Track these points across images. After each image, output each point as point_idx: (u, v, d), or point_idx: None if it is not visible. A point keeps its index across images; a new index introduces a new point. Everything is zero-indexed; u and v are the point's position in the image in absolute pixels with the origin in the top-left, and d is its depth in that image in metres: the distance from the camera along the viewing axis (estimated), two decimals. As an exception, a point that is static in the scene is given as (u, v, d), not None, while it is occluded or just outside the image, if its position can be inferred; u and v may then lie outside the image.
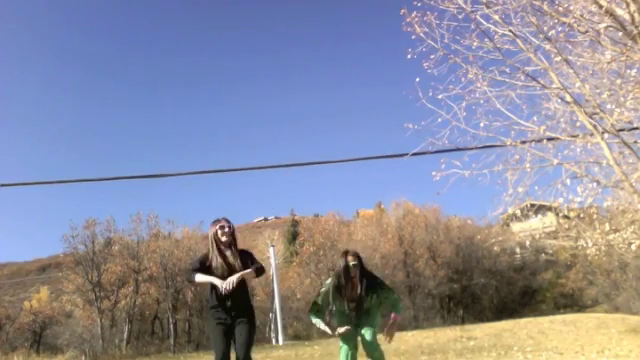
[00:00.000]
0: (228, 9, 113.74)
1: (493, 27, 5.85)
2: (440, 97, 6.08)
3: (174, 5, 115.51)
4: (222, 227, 4.21)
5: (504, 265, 34.39)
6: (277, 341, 20.41)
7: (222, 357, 3.99)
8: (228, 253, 4.17)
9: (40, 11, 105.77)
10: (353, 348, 4.42)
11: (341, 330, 4.36)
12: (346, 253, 4.65)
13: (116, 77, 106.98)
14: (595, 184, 5.74)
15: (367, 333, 4.43)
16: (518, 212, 7.05)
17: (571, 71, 5.66)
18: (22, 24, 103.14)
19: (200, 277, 4.10)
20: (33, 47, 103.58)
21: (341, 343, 4.50)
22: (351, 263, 4.49)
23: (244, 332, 4.06)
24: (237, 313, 4.10)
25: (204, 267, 4.16)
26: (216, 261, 4.14)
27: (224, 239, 4.18)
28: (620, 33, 5.39)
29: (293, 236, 42.07)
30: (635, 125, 5.79)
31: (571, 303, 32.09)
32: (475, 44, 5.94)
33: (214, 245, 4.19)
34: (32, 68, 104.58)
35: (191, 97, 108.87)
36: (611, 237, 6.64)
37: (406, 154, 6.59)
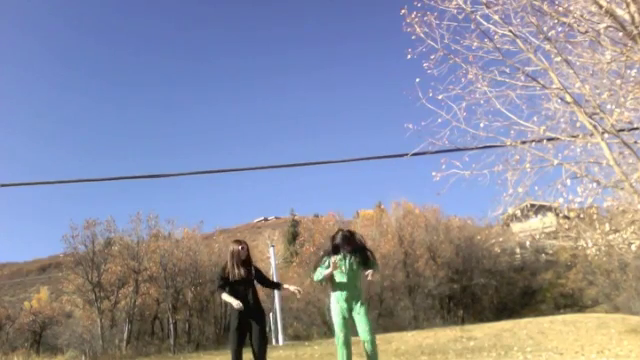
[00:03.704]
0: (228, 9, 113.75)
1: (493, 27, 5.85)
2: (440, 97, 6.08)
3: (174, 5, 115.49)
4: (243, 248, 5.38)
5: (504, 265, 34.37)
6: (277, 341, 20.40)
7: (236, 349, 5.14)
8: (242, 270, 5.31)
9: (40, 11, 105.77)
10: (348, 346, 4.98)
11: (333, 265, 5.09)
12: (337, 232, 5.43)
13: (116, 77, 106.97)
14: (595, 184, 5.74)
15: (366, 335, 4.94)
16: (518, 212, 7.05)
17: (571, 71, 5.66)
18: (22, 24, 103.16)
19: (225, 297, 5.27)
20: (33, 47, 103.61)
21: (338, 340, 5.00)
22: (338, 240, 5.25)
23: (258, 332, 5.20)
24: (252, 317, 5.23)
25: (225, 278, 5.32)
26: (233, 272, 5.29)
27: (243, 258, 5.35)
28: (620, 33, 5.40)
29: (293, 236, 42.05)
30: (635, 125, 5.79)
31: (571, 303, 32.07)
32: (475, 44, 5.95)
33: (234, 260, 5.34)
34: (32, 68, 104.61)
35: (191, 97, 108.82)
36: (611, 237, 6.64)
37: (406, 154, 6.60)
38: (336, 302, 5.11)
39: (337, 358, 5.01)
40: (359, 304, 5.06)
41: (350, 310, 5.05)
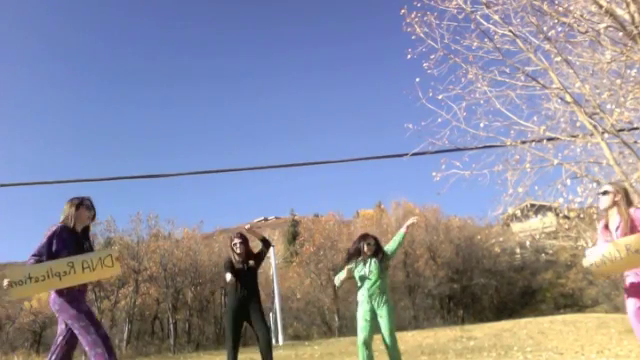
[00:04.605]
0: (228, 9, 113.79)
1: (493, 27, 5.86)
2: (440, 97, 6.10)
3: (174, 5, 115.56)
4: (235, 244, 5.51)
5: (504, 265, 34.36)
6: (277, 341, 20.39)
7: (232, 344, 5.20)
8: (239, 263, 5.46)
9: (39, 10, 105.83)
10: (368, 347, 5.07)
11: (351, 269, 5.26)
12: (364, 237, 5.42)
13: (116, 77, 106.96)
14: (595, 184, 5.75)
15: (387, 337, 5.12)
16: (518, 212, 7.06)
17: (571, 71, 5.67)
18: (21, 23, 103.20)
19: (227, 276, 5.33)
20: (33, 47, 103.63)
21: (359, 341, 5.10)
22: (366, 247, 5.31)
23: (263, 327, 5.25)
24: (249, 311, 5.25)
25: (231, 265, 5.45)
26: (232, 265, 5.47)
27: (238, 251, 5.50)
28: (620, 33, 5.40)
29: (293, 236, 42.02)
30: (635, 125, 5.80)
31: (571, 303, 32.05)
32: (475, 44, 5.96)
33: (232, 253, 5.53)
34: (32, 68, 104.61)
35: (191, 97, 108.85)
36: (611, 237, 6.63)
37: (406, 154, 6.61)
38: (360, 304, 5.24)
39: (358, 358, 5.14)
40: (382, 306, 5.18)
41: (373, 311, 5.16)
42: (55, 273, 3.70)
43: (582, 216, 6.88)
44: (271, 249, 22.60)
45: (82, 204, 4.10)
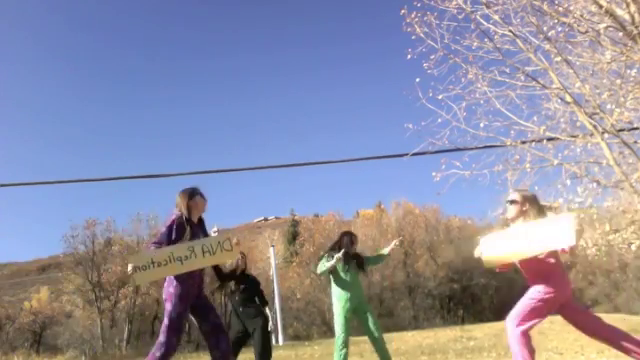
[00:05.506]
0: (228, 9, 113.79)
1: (493, 27, 5.86)
2: (440, 97, 6.10)
3: (174, 5, 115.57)
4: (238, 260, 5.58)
5: (504, 265, 34.36)
6: (277, 341, 20.39)
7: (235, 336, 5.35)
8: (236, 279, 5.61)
9: (39, 10, 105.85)
10: (347, 346, 5.06)
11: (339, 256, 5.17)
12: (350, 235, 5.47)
13: (116, 77, 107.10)
14: (595, 184, 5.75)
15: (372, 325, 5.04)
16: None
17: (571, 71, 5.66)
18: (22, 23, 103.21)
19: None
20: (33, 47, 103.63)
21: (340, 340, 5.04)
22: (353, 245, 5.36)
23: (258, 334, 5.39)
24: (248, 320, 5.44)
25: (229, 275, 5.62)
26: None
27: (243, 267, 5.66)
28: (620, 33, 5.40)
29: (293, 236, 42.00)
30: (635, 125, 5.80)
31: (571, 303, 32.05)
32: (475, 44, 5.96)
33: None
34: (32, 68, 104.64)
35: (191, 97, 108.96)
36: (611, 237, 6.65)
37: (406, 154, 6.61)
38: (339, 302, 5.09)
39: (334, 357, 5.02)
40: (364, 304, 5.12)
41: (353, 311, 5.06)
42: (177, 257, 3.77)
43: (582, 216, 6.87)
44: (271, 249, 22.40)
45: (195, 193, 4.11)
